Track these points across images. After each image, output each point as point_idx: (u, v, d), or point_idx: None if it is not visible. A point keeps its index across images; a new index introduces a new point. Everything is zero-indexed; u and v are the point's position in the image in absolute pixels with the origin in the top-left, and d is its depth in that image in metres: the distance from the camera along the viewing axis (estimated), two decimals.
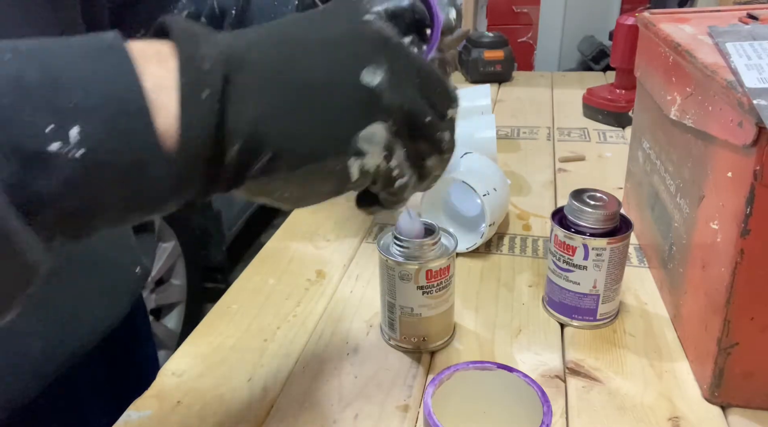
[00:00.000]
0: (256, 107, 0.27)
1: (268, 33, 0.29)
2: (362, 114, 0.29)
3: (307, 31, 0.30)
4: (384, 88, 0.29)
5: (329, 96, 0.28)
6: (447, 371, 0.38)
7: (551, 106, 1.17)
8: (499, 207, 0.66)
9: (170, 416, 0.48)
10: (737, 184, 0.41)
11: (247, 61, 0.27)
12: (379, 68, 0.29)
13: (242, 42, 0.28)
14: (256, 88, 0.27)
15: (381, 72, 0.29)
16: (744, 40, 0.46)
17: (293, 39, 0.29)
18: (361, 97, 0.29)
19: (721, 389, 0.46)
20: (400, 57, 0.30)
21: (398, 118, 0.30)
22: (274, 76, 0.27)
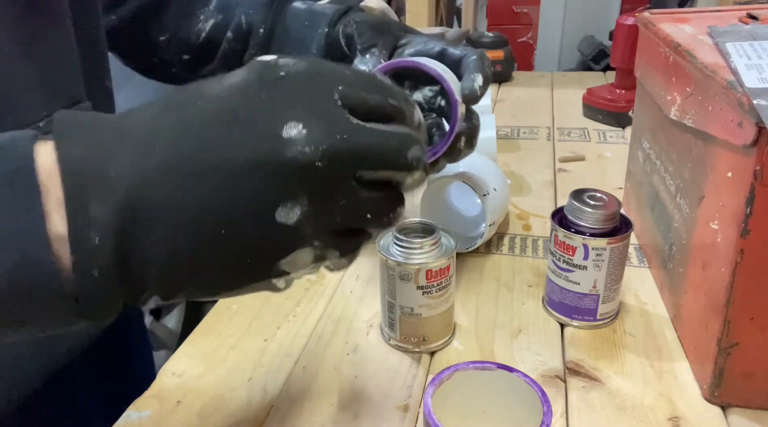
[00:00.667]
0: (162, 255, 0.26)
1: (172, 159, 0.25)
2: (280, 249, 0.27)
3: (215, 154, 0.26)
4: (303, 223, 0.27)
5: (242, 236, 0.26)
6: (447, 371, 0.38)
7: (551, 106, 1.17)
8: (499, 207, 0.66)
9: (170, 416, 0.48)
10: (737, 184, 0.41)
11: (147, 205, 0.25)
12: (296, 204, 0.26)
13: (142, 176, 0.25)
14: (161, 234, 0.25)
15: (298, 208, 0.26)
16: (744, 40, 0.46)
17: (200, 170, 0.25)
18: (277, 235, 0.27)
19: (721, 389, 0.46)
20: (321, 188, 0.27)
21: (325, 238, 0.28)
22: (180, 219, 0.25)
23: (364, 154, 0.27)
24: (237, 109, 0.26)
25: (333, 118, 0.27)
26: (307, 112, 0.26)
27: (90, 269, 0.24)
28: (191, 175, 0.25)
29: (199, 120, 0.26)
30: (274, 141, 0.26)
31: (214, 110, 0.26)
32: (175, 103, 0.27)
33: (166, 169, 0.25)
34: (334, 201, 0.27)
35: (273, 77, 0.27)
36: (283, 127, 0.26)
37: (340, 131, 0.27)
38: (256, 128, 0.26)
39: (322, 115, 0.27)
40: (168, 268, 0.26)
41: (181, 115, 0.26)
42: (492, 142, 0.81)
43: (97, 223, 0.24)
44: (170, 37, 0.60)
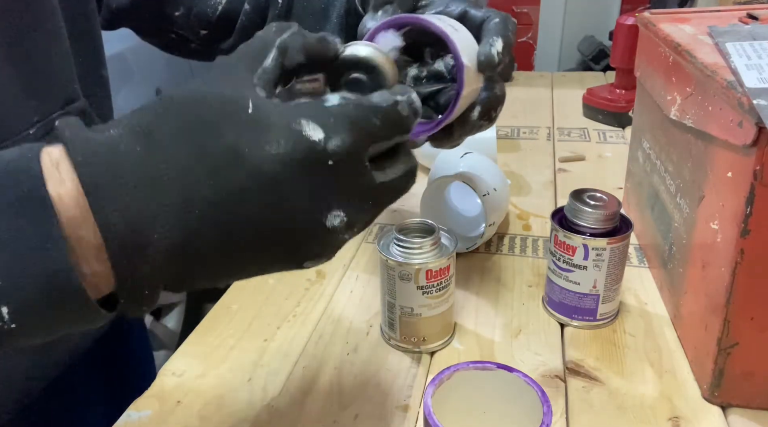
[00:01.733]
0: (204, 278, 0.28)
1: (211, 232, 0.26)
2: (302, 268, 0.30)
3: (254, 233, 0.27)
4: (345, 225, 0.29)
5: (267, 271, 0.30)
6: (447, 371, 0.38)
7: (551, 106, 1.17)
8: (499, 207, 0.66)
9: (170, 416, 0.48)
10: (737, 184, 0.41)
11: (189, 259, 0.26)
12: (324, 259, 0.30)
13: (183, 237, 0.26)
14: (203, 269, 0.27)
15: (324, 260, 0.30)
16: (744, 40, 0.46)
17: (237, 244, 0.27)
18: (301, 269, 0.30)
19: (721, 389, 0.46)
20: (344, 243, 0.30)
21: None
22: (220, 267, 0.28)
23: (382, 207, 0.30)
24: (282, 193, 0.26)
25: (367, 194, 0.29)
26: (347, 197, 0.28)
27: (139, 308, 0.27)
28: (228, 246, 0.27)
29: (237, 188, 0.26)
30: (317, 229, 0.28)
31: (258, 183, 0.26)
32: (211, 157, 0.26)
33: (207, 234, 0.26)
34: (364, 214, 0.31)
35: (320, 165, 0.27)
36: (327, 217, 0.28)
37: (372, 202, 0.29)
38: (300, 218, 0.27)
39: (359, 195, 0.29)
40: (206, 282, 0.29)
41: (221, 180, 0.26)
42: (492, 142, 0.81)
43: (146, 279, 0.26)
44: (186, 12, 0.59)
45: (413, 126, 0.30)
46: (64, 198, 0.25)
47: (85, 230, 0.25)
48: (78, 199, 0.25)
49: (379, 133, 0.29)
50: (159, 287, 0.27)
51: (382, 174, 0.29)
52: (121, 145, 0.26)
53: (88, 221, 0.25)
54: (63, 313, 0.25)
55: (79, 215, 0.25)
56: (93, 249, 0.25)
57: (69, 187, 0.25)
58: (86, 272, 0.25)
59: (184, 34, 0.60)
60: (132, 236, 0.25)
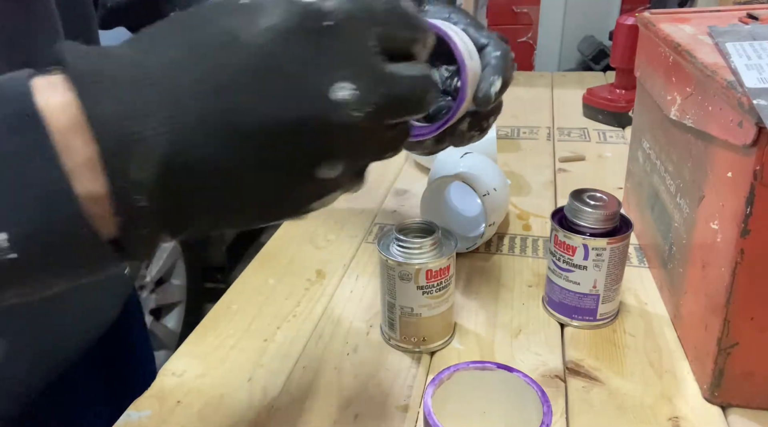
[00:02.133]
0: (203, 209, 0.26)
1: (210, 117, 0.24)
2: (318, 196, 0.28)
3: (258, 111, 0.24)
4: (341, 174, 0.27)
5: (283, 189, 0.27)
6: (447, 371, 0.38)
7: (551, 106, 1.17)
8: (499, 207, 0.66)
9: (170, 416, 0.48)
10: (737, 184, 0.41)
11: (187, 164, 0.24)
12: (337, 161, 0.27)
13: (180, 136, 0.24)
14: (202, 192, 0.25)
15: (339, 164, 0.27)
16: (744, 40, 0.46)
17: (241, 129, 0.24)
18: (316, 187, 0.27)
19: (721, 389, 0.46)
20: (361, 141, 0.27)
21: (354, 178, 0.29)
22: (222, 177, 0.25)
23: (399, 106, 0.27)
24: (279, 62, 0.24)
25: (377, 73, 0.26)
26: (354, 68, 0.25)
27: (138, 229, 0.24)
28: (231, 134, 0.24)
29: (236, 70, 0.24)
30: (322, 102, 0.25)
31: (253, 59, 0.24)
32: (202, 45, 0.25)
33: (205, 128, 0.24)
34: (368, 148, 0.28)
35: (318, 26, 0.25)
36: (331, 88, 0.25)
37: (383, 86, 0.26)
38: (302, 87, 0.25)
39: (368, 71, 0.26)
40: (209, 217, 0.27)
41: (213, 64, 0.24)
42: (492, 142, 0.81)
43: (140, 186, 0.23)
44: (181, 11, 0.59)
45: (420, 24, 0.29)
46: (53, 106, 0.23)
47: (75, 136, 0.23)
48: (67, 104, 0.23)
49: (383, 15, 0.27)
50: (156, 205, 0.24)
51: (393, 66, 0.27)
52: (114, 50, 0.25)
53: (78, 125, 0.23)
54: (64, 240, 0.24)
55: (69, 121, 0.23)
56: (86, 161, 0.23)
57: (59, 94, 0.23)
58: (81, 193, 0.23)
59: None
60: (122, 130, 0.23)
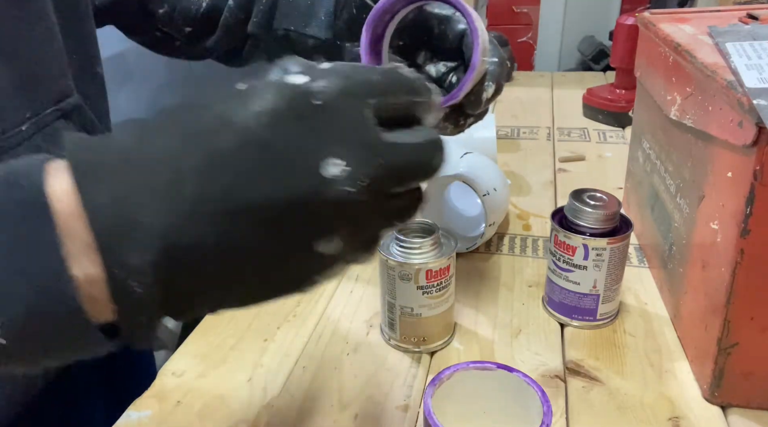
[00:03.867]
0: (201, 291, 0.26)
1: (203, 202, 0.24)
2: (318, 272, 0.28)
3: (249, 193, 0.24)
4: (341, 249, 0.27)
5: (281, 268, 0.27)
6: (447, 371, 0.38)
7: (551, 106, 1.17)
8: (499, 207, 0.66)
9: (170, 416, 0.48)
10: (737, 184, 0.41)
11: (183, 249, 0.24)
12: (335, 236, 0.26)
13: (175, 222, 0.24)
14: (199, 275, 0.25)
15: (337, 239, 0.26)
16: (744, 40, 0.46)
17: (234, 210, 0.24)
18: (316, 263, 0.27)
19: (721, 389, 0.46)
20: (360, 217, 0.26)
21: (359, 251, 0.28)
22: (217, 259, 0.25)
23: (400, 176, 0.27)
24: (269, 144, 0.25)
25: (370, 146, 0.26)
26: (345, 144, 0.25)
27: (136, 315, 0.25)
28: (225, 216, 0.24)
29: (227, 154, 0.24)
30: (313, 180, 0.25)
31: (243, 143, 0.25)
32: (196, 131, 0.25)
33: (199, 213, 0.24)
34: (371, 220, 0.27)
35: (306, 107, 0.25)
36: (322, 165, 0.25)
37: (378, 158, 0.26)
38: (293, 166, 0.25)
39: (360, 145, 0.25)
40: (211, 299, 0.27)
41: (206, 149, 0.24)
42: (492, 142, 0.81)
43: (137, 271, 0.24)
44: (170, 10, 0.59)
45: (421, 88, 0.28)
46: (58, 193, 0.24)
47: (75, 221, 0.23)
48: (69, 190, 0.24)
49: (380, 86, 0.27)
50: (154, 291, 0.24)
51: (392, 135, 0.26)
52: (114, 136, 0.25)
53: (77, 211, 0.23)
54: (57, 325, 0.24)
55: (70, 207, 0.23)
56: (84, 247, 0.23)
57: (62, 180, 0.24)
58: (79, 275, 0.23)
59: (169, 31, 0.60)
60: (119, 215, 0.23)
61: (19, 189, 0.24)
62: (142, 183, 0.24)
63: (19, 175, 0.25)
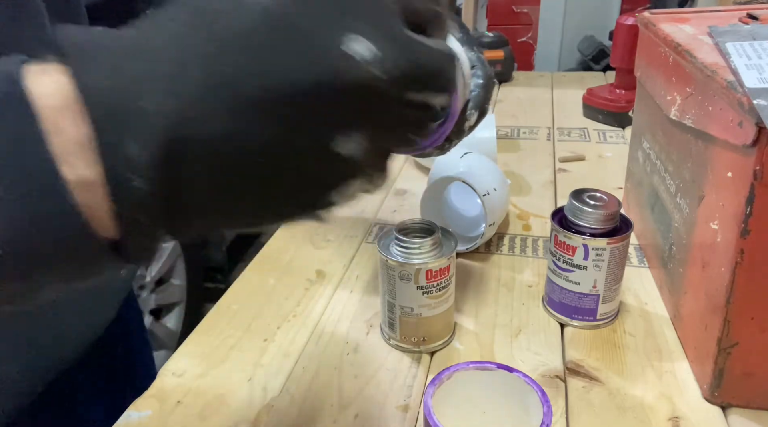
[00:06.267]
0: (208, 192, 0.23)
1: (212, 86, 0.22)
2: (334, 180, 0.25)
3: (264, 76, 0.22)
4: (360, 151, 0.24)
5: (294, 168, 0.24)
6: (447, 371, 0.38)
7: (551, 106, 1.17)
8: (499, 207, 0.66)
9: (170, 416, 0.48)
10: (737, 184, 0.41)
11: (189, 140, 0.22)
12: (355, 132, 0.23)
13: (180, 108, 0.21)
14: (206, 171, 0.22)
15: (356, 136, 0.23)
16: (744, 40, 0.46)
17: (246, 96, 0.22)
18: (332, 166, 0.24)
19: (721, 389, 0.46)
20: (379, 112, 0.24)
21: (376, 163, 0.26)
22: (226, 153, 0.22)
23: (424, 77, 0.24)
24: (286, 20, 0.22)
25: (397, 33, 0.23)
26: (370, 22, 0.23)
27: (135, 215, 0.22)
28: (236, 103, 0.22)
29: (239, 33, 0.22)
30: (335, 57, 0.22)
31: (258, 20, 0.22)
32: (205, 11, 0.23)
33: (207, 98, 0.22)
34: (387, 124, 0.25)
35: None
36: (345, 41, 0.22)
37: (406, 51, 0.23)
38: (312, 41, 0.22)
39: (386, 28, 0.23)
40: (214, 203, 0.24)
41: (216, 28, 0.22)
42: (492, 142, 0.81)
43: (137, 165, 0.21)
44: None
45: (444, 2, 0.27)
46: (43, 89, 0.21)
47: (65, 117, 0.21)
48: (58, 85, 0.21)
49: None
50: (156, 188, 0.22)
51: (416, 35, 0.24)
52: (113, 29, 0.23)
53: (69, 105, 0.21)
54: (53, 232, 0.21)
55: (60, 101, 0.21)
56: (77, 142, 0.21)
57: (51, 77, 0.21)
58: (72, 178, 0.21)
59: None
60: (119, 102, 0.21)
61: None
62: (145, 69, 0.21)
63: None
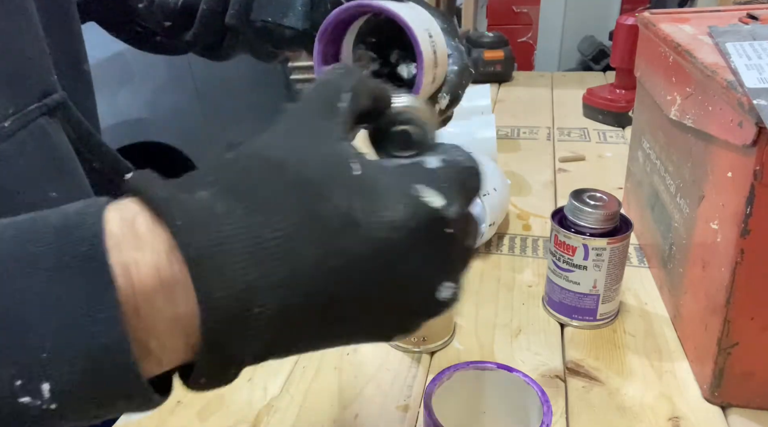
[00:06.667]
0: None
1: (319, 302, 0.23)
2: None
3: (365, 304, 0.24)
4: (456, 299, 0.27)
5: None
6: (447, 371, 0.38)
7: (551, 106, 1.17)
8: (499, 207, 0.66)
9: (170, 416, 0.48)
10: (737, 184, 0.41)
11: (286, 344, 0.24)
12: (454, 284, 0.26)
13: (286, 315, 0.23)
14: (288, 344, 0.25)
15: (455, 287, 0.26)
16: (744, 40, 0.46)
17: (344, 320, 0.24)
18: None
19: (721, 389, 0.46)
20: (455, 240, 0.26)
21: None
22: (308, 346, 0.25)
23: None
24: (395, 262, 0.24)
25: (468, 259, 0.27)
26: (459, 267, 0.26)
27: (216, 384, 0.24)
28: (331, 318, 0.24)
29: (351, 262, 0.23)
30: (429, 304, 0.25)
31: (369, 253, 0.23)
32: (320, 222, 0.23)
33: (312, 310, 0.23)
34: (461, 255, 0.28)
35: (440, 233, 0.25)
36: (439, 290, 0.25)
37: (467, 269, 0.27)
38: (413, 288, 0.25)
39: (465, 263, 0.27)
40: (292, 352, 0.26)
41: (331, 249, 0.23)
42: (492, 142, 0.81)
43: (237, 354, 0.23)
44: (149, 4, 0.58)
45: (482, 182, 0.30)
46: (140, 265, 0.21)
47: (164, 300, 0.22)
48: (159, 266, 0.22)
49: (475, 195, 0.28)
50: (246, 361, 0.24)
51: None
52: (218, 205, 0.22)
53: (174, 291, 0.22)
54: (109, 391, 0.22)
55: (158, 284, 0.22)
56: (170, 321, 0.22)
57: (150, 253, 0.22)
58: (152, 347, 0.22)
59: (149, 26, 0.60)
60: (235, 308, 0.22)
61: (73, 243, 0.22)
62: (259, 272, 0.22)
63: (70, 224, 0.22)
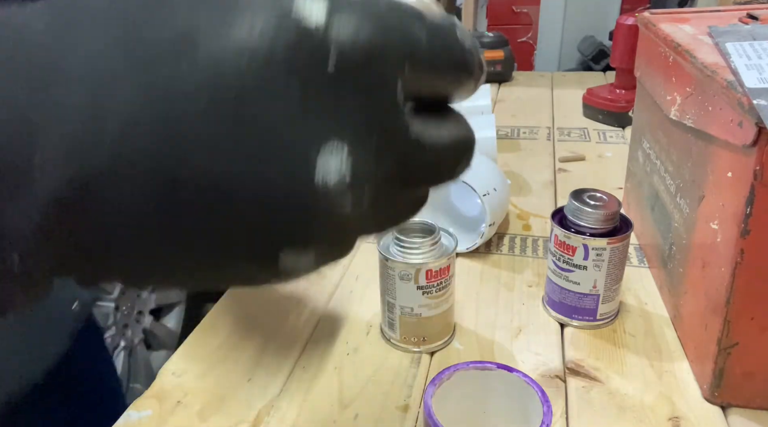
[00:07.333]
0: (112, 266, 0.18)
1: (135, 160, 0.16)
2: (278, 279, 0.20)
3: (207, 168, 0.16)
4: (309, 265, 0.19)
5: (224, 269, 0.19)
6: (447, 371, 0.38)
7: (551, 106, 1.17)
8: (499, 207, 0.66)
9: (170, 416, 0.48)
10: (737, 184, 0.41)
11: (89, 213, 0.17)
12: (310, 251, 0.18)
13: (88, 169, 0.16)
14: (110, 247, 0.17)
15: (311, 254, 0.18)
16: (744, 40, 0.46)
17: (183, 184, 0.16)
18: (275, 274, 0.19)
19: (721, 389, 0.46)
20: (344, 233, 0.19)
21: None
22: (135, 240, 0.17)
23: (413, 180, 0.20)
24: (248, 103, 0.16)
25: (390, 143, 0.18)
26: (357, 132, 0.17)
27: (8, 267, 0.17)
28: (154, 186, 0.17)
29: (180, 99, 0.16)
30: (300, 182, 0.17)
31: (208, 87, 0.16)
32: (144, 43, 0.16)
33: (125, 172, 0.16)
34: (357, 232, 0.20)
35: (316, 72, 0.17)
36: (319, 150, 0.17)
37: (397, 160, 0.19)
38: (274, 145, 0.17)
39: (377, 139, 0.18)
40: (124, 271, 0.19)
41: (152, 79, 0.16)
42: (492, 142, 0.81)
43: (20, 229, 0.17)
44: None
45: (474, 63, 0.21)
46: None
47: None
48: None
49: (424, 51, 0.18)
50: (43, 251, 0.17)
51: (421, 126, 0.19)
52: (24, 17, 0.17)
53: None
54: None
55: None
56: None
57: None
58: None
59: None
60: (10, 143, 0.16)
61: None
62: (48, 102, 0.16)
63: None
